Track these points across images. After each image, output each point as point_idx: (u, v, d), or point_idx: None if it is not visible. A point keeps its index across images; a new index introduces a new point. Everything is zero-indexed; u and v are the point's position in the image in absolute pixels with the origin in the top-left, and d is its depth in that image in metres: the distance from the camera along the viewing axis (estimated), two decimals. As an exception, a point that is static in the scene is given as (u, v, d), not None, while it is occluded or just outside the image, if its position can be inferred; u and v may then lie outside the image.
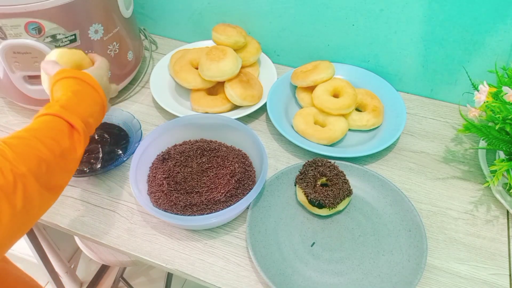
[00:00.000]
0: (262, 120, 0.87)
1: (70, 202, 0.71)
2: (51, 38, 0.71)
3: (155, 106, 0.90)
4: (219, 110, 0.84)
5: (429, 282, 0.61)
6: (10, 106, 0.89)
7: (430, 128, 0.85)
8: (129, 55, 0.88)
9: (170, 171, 0.71)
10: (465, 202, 0.72)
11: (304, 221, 0.68)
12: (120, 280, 1.32)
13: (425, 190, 0.74)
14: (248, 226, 0.65)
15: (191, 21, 1.02)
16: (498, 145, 0.68)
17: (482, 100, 0.66)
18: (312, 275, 0.61)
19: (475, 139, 0.83)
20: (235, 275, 0.62)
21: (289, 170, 0.73)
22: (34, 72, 0.75)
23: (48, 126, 0.51)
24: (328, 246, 0.65)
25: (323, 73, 0.83)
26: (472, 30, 0.80)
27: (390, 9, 0.82)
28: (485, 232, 0.68)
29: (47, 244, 1.13)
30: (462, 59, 0.84)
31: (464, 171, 0.77)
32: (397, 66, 0.90)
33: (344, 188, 0.68)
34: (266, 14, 0.93)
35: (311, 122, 0.80)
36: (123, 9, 0.82)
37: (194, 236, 0.67)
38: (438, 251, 0.65)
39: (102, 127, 0.81)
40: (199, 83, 0.85)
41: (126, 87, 0.92)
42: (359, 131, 0.83)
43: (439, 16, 0.80)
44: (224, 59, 0.82)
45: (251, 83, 0.85)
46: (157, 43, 1.06)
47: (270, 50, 0.99)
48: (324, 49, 0.94)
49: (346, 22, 0.87)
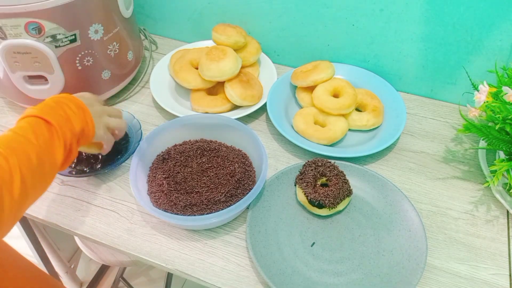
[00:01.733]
0: (262, 120, 0.87)
1: (70, 202, 0.71)
2: (51, 38, 0.71)
3: (155, 106, 0.90)
4: (219, 110, 0.84)
5: (429, 282, 0.61)
6: (10, 106, 0.89)
7: (430, 128, 0.85)
8: (129, 55, 0.88)
9: (170, 171, 0.71)
10: (465, 202, 0.72)
11: (304, 221, 0.68)
12: (120, 280, 1.32)
13: (425, 190, 0.74)
14: (248, 226, 0.65)
15: (191, 21, 1.02)
16: (498, 145, 0.68)
17: (482, 100, 0.66)
18: (312, 275, 0.61)
19: (475, 139, 0.83)
20: (235, 275, 0.62)
21: (289, 170, 0.73)
22: (34, 72, 0.75)
23: (27, 123, 0.54)
24: (328, 246, 0.65)
25: (323, 73, 0.83)
26: (472, 30, 0.80)
27: (390, 9, 0.82)
28: (485, 232, 0.68)
29: (47, 244, 1.14)
30: (462, 59, 0.84)
31: (464, 171, 0.77)
32: (397, 66, 0.90)
33: (344, 188, 0.68)
34: (266, 14, 0.93)
35: (311, 122, 0.80)
36: (123, 9, 0.82)
37: (194, 236, 0.67)
38: (438, 251, 0.65)
39: (102, 127, 0.81)
40: (199, 83, 0.86)
41: (126, 87, 0.92)
42: (359, 131, 0.83)
43: (439, 16, 0.80)
44: (224, 59, 0.82)
45: (251, 83, 0.85)
46: (157, 43, 1.06)
47: (270, 50, 0.99)
48: (324, 49, 0.94)
49: (346, 22, 0.87)
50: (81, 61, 0.77)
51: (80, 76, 0.79)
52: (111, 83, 0.86)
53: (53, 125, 0.54)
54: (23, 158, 0.49)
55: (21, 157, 0.49)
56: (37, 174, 0.51)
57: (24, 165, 0.49)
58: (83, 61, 0.78)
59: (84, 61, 0.78)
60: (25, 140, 0.51)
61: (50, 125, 0.54)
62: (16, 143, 0.50)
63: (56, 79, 0.77)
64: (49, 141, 0.53)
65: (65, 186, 0.74)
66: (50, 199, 0.71)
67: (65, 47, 0.74)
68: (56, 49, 0.73)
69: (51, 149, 0.53)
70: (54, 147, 0.54)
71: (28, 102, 0.82)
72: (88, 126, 0.60)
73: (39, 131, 0.53)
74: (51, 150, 0.53)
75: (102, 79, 0.83)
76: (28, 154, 0.50)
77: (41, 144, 0.52)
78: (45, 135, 0.53)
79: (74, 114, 0.58)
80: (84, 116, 0.59)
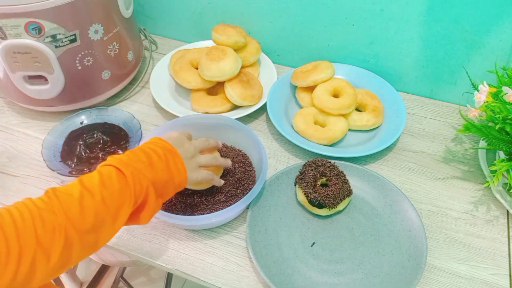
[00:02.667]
0: (262, 120, 0.87)
1: (70, 202, 0.71)
2: (51, 38, 0.71)
3: (155, 106, 0.90)
4: (219, 110, 0.84)
5: (429, 282, 0.61)
6: (10, 106, 0.89)
7: (430, 128, 0.85)
8: (129, 55, 0.88)
9: (170, 171, 0.71)
10: (465, 202, 0.72)
11: (304, 221, 0.68)
12: (120, 280, 1.32)
13: (425, 190, 0.74)
14: (248, 226, 0.65)
15: (191, 21, 1.02)
16: (498, 145, 0.68)
17: (482, 100, 0.66)
18: (312, 275, 0.61)
19: (475, 139, 0.83)
20: (235, 275, 0.62)
21: (289, 170, 0.73)
22: (34, 72, 0.75)
23: (97, 173, 0.48)
24: (328, 246, 0.65)
25: (323, 73, 0.83)
26: (472, 30, 0.80)
27: (390, 9, 0.82)
28: (485, 232, 0.68)
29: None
30: (462, 59, 0.84)
31: (464, 171, 0.77)
32: (397, 66, 0.90)
33: (344, 188, 0.67)
34: (266, 14, 0.93)
35: (311, 122, 0.80)
36: (123, 9, 0.82)
37: (194, 236, 0.67)
38: (438, 251, 0.65)
39: (102, 127, 0.81)
40: (199, 83, 0.85)
41: (126, 87, 0.92)
42: (359, 131, 0.83)
43: (439, 16, 0.80)
44: (224, 59, 0.82)
45: (251, 83, 0.85)
46: (157, 43, 1.06)
47: (270, 50, 0.99)
48: (324, 49, 0.94)
49: (346, 22, 0.87)
50: (81, 61, 0.77)
51: (80, 76, 0.79)
52: (111, 83, 0.86)
53: (126, 175, 0.48)
54: (74, 215, 0.43)
55: (72, 214, 0.43)
56: (89, 236, 0.44)
57: (73, 224, 0.42)
58: (83, 61, 0.78)
59: (84, 61, 0.78)
60: (88, 193, 0.45)
61: (123, 175, 0.48)
62: (73, 197, 0.44)
63: (56, 79, 0.77)
64: (117, 194, 0.47)
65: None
66: (50, 199, 0.71)
67: (65, 47, 0.74)
68: (56, 49, 0.73)
69: (116, 205, 0.47)
70: (123, 202, 0.47)
71: (28, 102, 0.82)
72: (180, 173, 0.54)
73: (108, 181, 0.47)
74: (116, 205, 0.47)
75: (102, 79, 0.83)
76: (83, 212, 0.44)
77: (105, 198, 0.46)
78: (114, 186, 0.47)
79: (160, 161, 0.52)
80: (175, 162, 0.54)
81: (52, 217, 0.42)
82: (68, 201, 0.44)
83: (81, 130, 0.80)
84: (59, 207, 0.43)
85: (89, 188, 0.46)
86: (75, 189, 0.45)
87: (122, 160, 0.50)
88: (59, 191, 0.45)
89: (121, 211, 0.47)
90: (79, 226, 0.43)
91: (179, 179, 0.55)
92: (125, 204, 0.48)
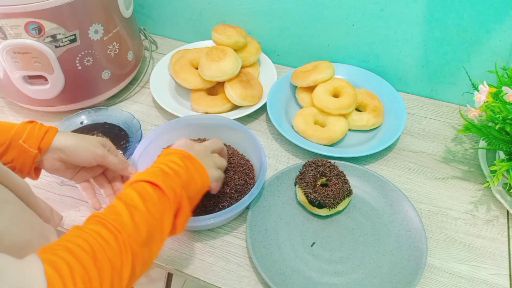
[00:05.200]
0: (262, 120, 0.87)
1: (70, 202, 0.71)
2: (51, 38, 0.71)
3: (155, 106, 0.90)
4: (219, 110, 0.84)
5: (429, 282, 0.61)
6: (10, 106, 0.89)
7: (430, 128, 0.85)
8: (129, 55, 0.88)
9: (170, 171, 0.71)
10: (465, 202, 0.72)
11: (304, 221, 0.68)
12: (120, 280, 1.31)
13: (425, 190, 0.74)
14: (248, 226, 0.65)
15: (191, 21, 1.02)
16: (498, 145, 0.68)
17: (482, 100, 0.66)
18: (312, 275, 0.61)
19: (475, 139, 0.83)
20: (235, 275, 0.62)
21: (289, 170, 0.73)
22: (34, 72, 0.75)
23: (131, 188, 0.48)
24: (328, 246, 0.65)
25: (323, 73, 0.83)
26: (472, 30, 0.80)
27: (390, 9, 0.82)
28: (485, 232, 0.68)
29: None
30: (462, 59, 0.84)
31: (464, 171, 0.77)
32: (397, 66, 0.90)
33: (344, 188, 0.67)
34: (266, 14, 0.93)
35: (311, 122, 0.80)
36: (123, 9, 0.82)
37: (194, 236, 0.67)
38: (438, 251, 0.65)
39: (102, 127, 0.81)
40: (199, 83, 0.86)
41: (126, 87, 0.92)
42: (359, 131, 0.83)
43: (439, 16, 0.80)
44: (224, 59, 0.82)
45: (251, 83, 0.85)
46: (157, 43, 1.06)
47: (270, 50, 0.99)
48: (324, 49, 0.94)
49: (346, 22, 0.87)
50: (81, 61, 0.77)
51: (80, 76, 0.79)
52: (111, 83, 0.86)
53: (159, 185, 0.48)
54: (132, 231, 0.43)
55: (130, 230, 0.43)
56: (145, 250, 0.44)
57: (135, 240, 0.43)
58: (83, 61, 0.78)
59: (84, 61, 0.78)
60: (134, 209, 0.45)
61: (156, 186, 0.49)
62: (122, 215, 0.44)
63: (56, 79, 0.77)
64: (158, 204, 0.47)
65: (65, 186, 0.74)
66: (50, 199, 0.71)
67: (65, 47, 0.74)
68: (56, 49, 0.73)
69: (160, 214, 0.47)
70: (164, 210, 0.48)
71: (28, 102, 0.82)
72: (201, 174, 0.55)
73: (145, 194, 0.47)
74: (160, 214, 0.47)
75: (102, 79, 0.83)
76: (137, 226, 0.44)
77: (150, 209, 0.46)
78: (153, 197, 0.47)
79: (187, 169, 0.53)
80: (193, 165, 0.55)
81: (113, 237, 0.42)
82: (120, 221, 0.44)
83: (81, 130, 0.80)
84: (115, 227, 0.43)
85: (132, 204, 0.46)
86: (120, 208, 0.45)
87: (148, 173, 0.51)
88: (105, 215, 0.44)
89: (165, 220, 0.48)
90: (139, 240, 0.43)
91: (201, 180, 0.56)
92: (165, 213, 0.48)
